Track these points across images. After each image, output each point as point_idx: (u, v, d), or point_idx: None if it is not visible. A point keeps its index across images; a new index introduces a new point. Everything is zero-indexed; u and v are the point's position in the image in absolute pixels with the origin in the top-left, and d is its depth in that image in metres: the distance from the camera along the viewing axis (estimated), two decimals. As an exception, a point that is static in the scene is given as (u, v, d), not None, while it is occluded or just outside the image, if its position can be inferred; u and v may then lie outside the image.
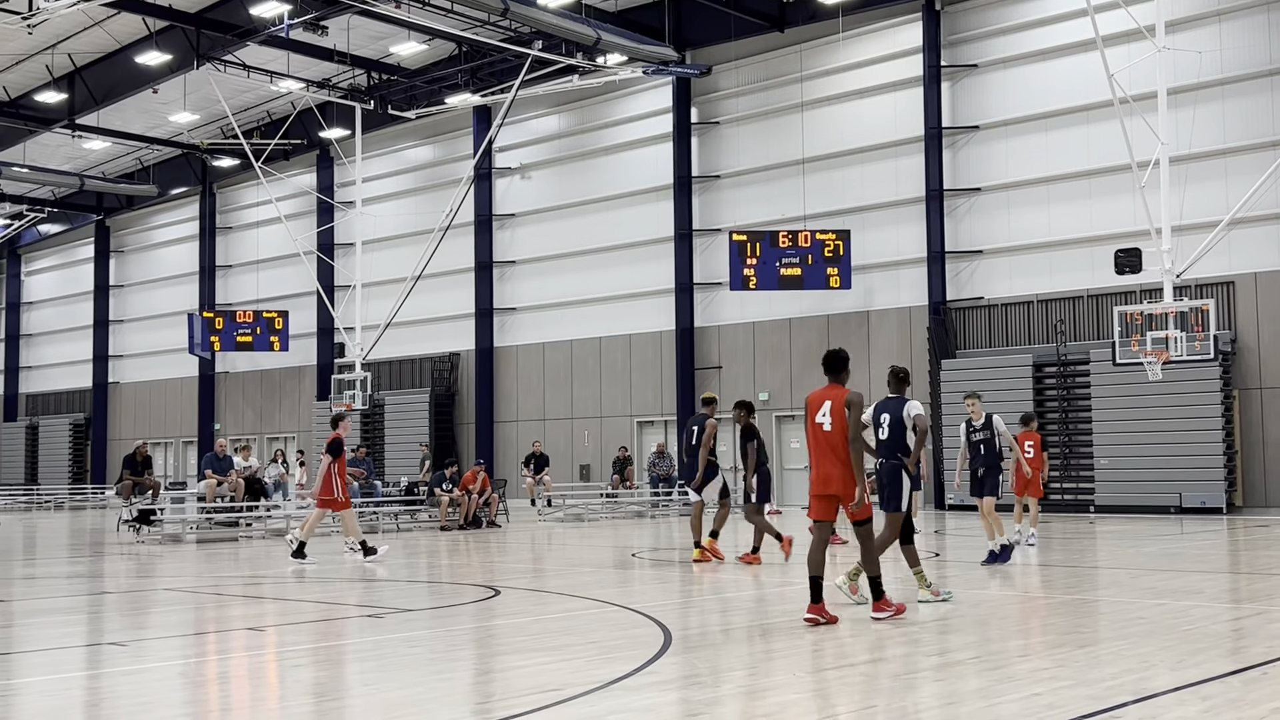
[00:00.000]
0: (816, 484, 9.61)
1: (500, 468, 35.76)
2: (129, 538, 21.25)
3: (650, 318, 34.35)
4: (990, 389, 27.59)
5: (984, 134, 29.08)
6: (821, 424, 9.53)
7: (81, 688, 7.59)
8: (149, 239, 49.93)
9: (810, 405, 9.67)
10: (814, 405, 9.63)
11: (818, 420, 9.55)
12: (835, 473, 9.47)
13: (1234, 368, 25.45)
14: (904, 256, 29.99)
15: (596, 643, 8.77)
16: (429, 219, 37.05)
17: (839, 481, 9.46)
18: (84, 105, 37.30)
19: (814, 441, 9.60)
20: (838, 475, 9.45)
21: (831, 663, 7.70)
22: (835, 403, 9.52)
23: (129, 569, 15.98)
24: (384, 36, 33.36)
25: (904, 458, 10.49)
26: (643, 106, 34.76)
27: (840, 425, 9.43)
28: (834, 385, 9.71)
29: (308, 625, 10.35)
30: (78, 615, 11.35)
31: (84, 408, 51.58)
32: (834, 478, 9.48)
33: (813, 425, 9.59)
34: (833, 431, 9.46)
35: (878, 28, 30.59)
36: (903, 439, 10.54)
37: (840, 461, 9.43)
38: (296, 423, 43.29)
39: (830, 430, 9.47)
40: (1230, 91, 25.72)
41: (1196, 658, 7.70)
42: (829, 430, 9.48)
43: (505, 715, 6.32)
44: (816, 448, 9.59)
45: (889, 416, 10.65)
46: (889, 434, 10.58)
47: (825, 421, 9.51)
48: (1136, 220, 24.78)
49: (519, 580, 13.63)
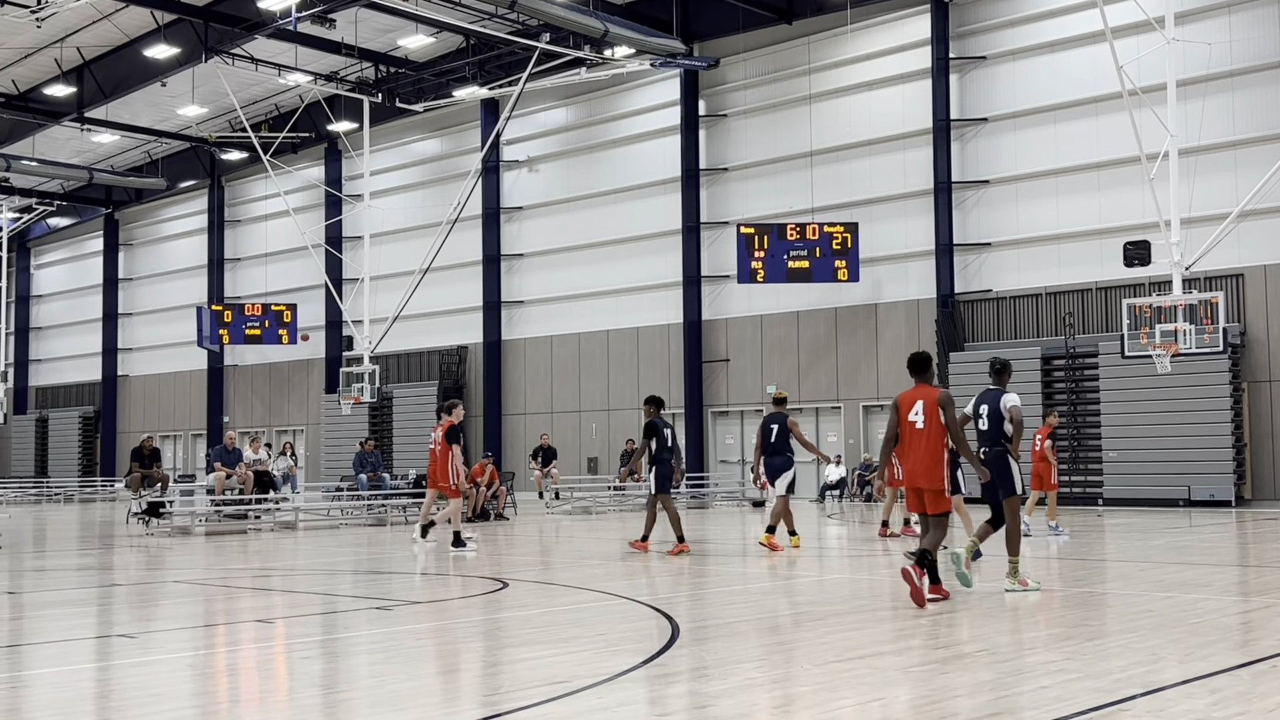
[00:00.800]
0: (906, 478, 10.27)
1: (508, 460, 35.79)
2: (138, 530, 21.31)
3: (658, 311, 34.34)
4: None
5: (992, 126, 29.01)
6: (914, 422, 10.09)
7: (91, 679, 7.62)
8: (158, 232, 50.02)
9: (901, 405, 10.23)
10: (906, 404, 10.20)
11: (910, 419, 10.12)
12: (923, 468, 10.04)
13: (1243, 360, 25.38)
14: (912, 249, 29.94)
15: (604, 635, 8.78)
16: (437, 212, 37.07)
17: (926, 475, 10.04)
18: (93, 99, 37.36)
19: (907, 438, 10.14)
20: (926, 469, 10.03)
21: (839, 655, 7.70)
22: (927, 402, 10.09)
23: (138, 561, 16.03)
24: (392, 29, 33.35)
25: (1008, 445, 10.77)
26: (650, 99, 34.72)
27: (933, 423, 10.01)
28: (922, 385, 10.27)
29: (316, 617, 10.37)
30: (87, 607, 11.38)
31: (93, 401, 51.72)
32: (921, 473, 10.06)
33: (905, 423, 10.14)
34: (927, 427, 10.03)
35: (886, 20, 30.52)
36: (1001, 429, 10.78)
37: (930, 457, 10.01)
38: (305, 415, 43.37)
39: (922, 428, 10.04)
40: (1240, 83, 25.63)
41: (1205, 651, 7.69)
42: (921, 428, 10.05)
43: (513, 707, 6.33)
44: (911, 444, 10.12)
45: (987, 408, 10.91)
46: (988, 425, 10.85)
47: (918, 420, 10.08)
48: (1145, 213, 24.72)
49: (527, 573, 13.64)
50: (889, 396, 30.04)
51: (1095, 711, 5.96)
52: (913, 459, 10.13)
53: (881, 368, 30.47)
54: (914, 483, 10.18)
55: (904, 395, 10.33)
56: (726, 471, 33.10)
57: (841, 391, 31.15)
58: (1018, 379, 27.38)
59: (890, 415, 10.36)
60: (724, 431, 33.70)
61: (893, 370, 30.29)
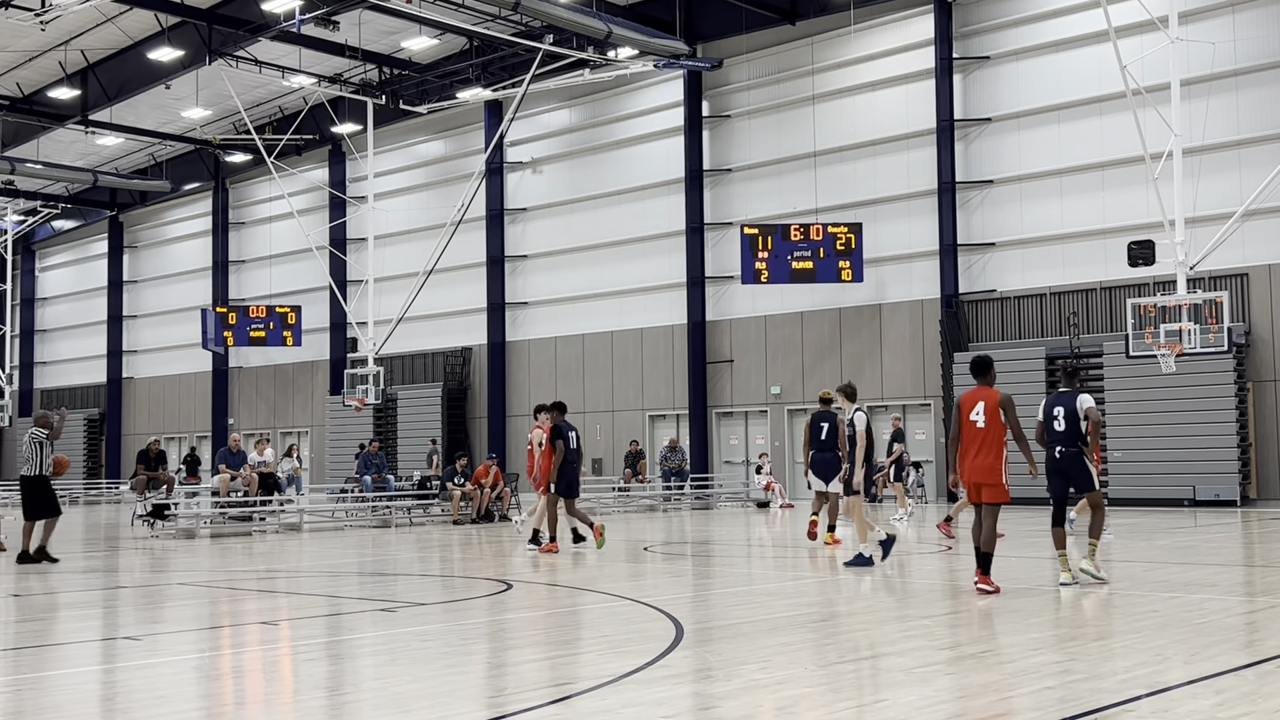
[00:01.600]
0: (967, 473, 10.86)
1: (512, 462, 35.80)
2: (143, 532, 21.34)
3: (662, 312, 34.35)
4: (1003, 382, 27.50)
5: (996, 126, 28.99)
6: (975, 421, 10.79)
7: (96, 682, 7.63)
8: (162, 234, 50.09)
9: (963, 405, 10.93)
10: (968, 405, 10.89)
11: (971, 418, 10.82)
12: (985, 463, 10.73)
13: (1248, 360, 25.35)
14: (916, 249, 29.93)
15: (608, 637, 8.78)
16: (441, 214, 37.10)
17: (987, 471, 10.72)
18: (97, 101, 37.42)
19: (968, 436, 10.83)
20: (986, 466, 10.72)
21: (843, 656, 7.70)
22: (988, 403, 10.78)
23: (143, 563, 16.05)
24: (395, 31, 33.39)
25: (1084, 446, 11.33)
26: (654, 100, 34.73)
27: (994, 422, 10.72)
28: (983, 387, 10.99)
29: (321, 619, 10.38)
30: (93, 609, 11.40)
31: (98, 403, 51.79)
32: (983, 468, 10.74)
33: (966, 422, 10.84)
34: (986, 428, 10.73)
35: (889, 20, 30.51)
36: (1078, 429, 11.30)
37: (991, 453, 10.71)
38: (310, 417, 43.41)
39: (983, 427, 10.74)
40: (1244, 83, 25.60)
41: (1210, 651, 7.68)
42: (982, 427, 10.75)
43: (517, 709, 6.34)
44: (971, 442, 10.81)
45: (1063, 410, 11.39)
46: (1065, 426, 11.33)
47: (979, 419, 10.78)
48: (1150, 212, 24.69)
49: (531, 574, 13.65)
50: (894, 397, 30.07)
51: (1100, 712, 5.96)
52: (973, 456, 10.77)
53: (886, 368, 30.45)
54: (975, 478, 10.78)
55: (966, 396, 10.99)
56: (731, 472, 33.09)
57: (846, 392, 31.08)
58: (1023, 379, 27.46)
59: (954, 415, 11.02)
60: (728, 432, 33.69)
61: (897, 370, 30.29)
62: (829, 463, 15.52)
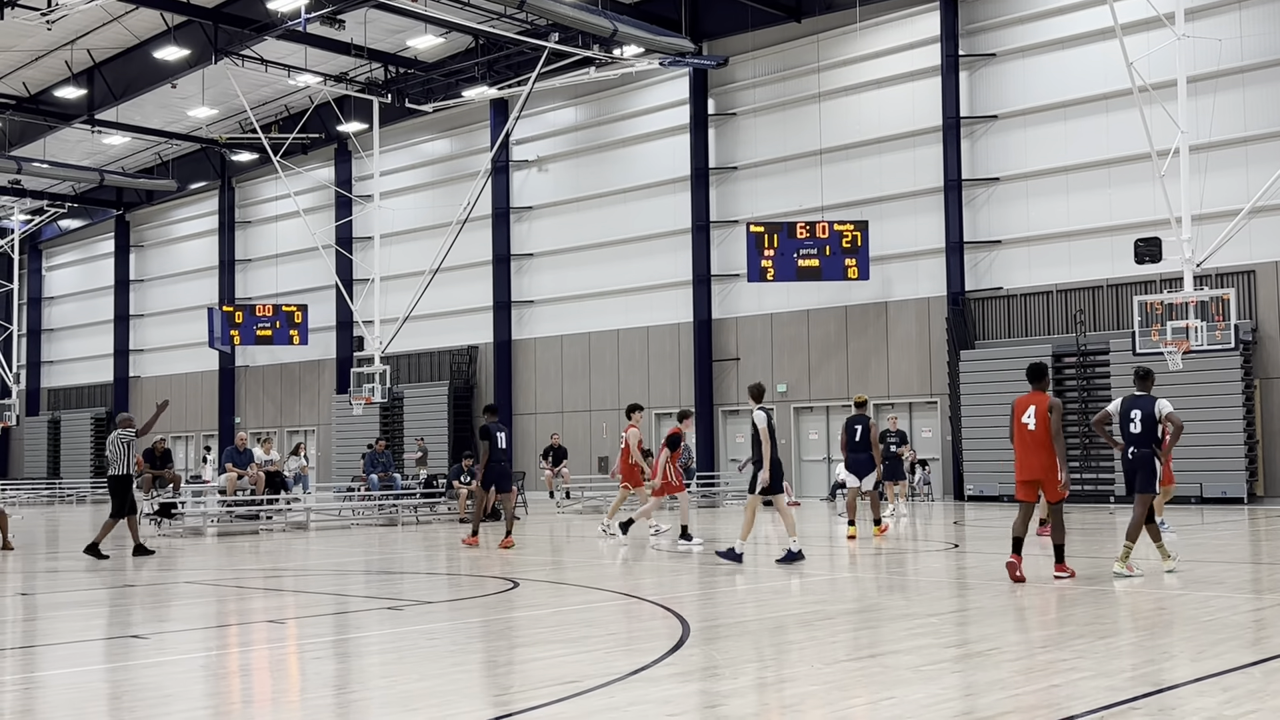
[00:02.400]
0: (1021, 471, 11.55)
1: (519, 460, 35.80)
2: (150, 531, 21.37)
3: (668, 310, 34.35)
4: (1009, 379, 27.51)
5: (1002, 123, 28.96)
6: (1027, 424, 11.46)
7: (103, 680, 7.65)
8: (168, 234, 50.17)
9: (1017, 408, 11.65)
10: (1020, 408, 11.60)
11: (1023, 420, 11.50)
12: (1038, 463, 11.40)
13: (1255, 357, 25.30)
14: (922, 247, 29.90)
15: (615, 634, 8.79)
16: (446, 212, 37.12)
17: (1040, 469, 11.40)
18: (103, 101, 37.48)
19: (1019, 438, 11.53)
20: (1040, 465, 11.39)
21: (850, 654, 7.70)
22: (1039, 407, 11.44)
23: (150, 562, 16.08)
24: (401, 30, 33.40)
25: (1156, 448, 11.82)
26: (660, 98, 34.73)
27: (1044, 424, 11.35)
28: (1036, 392, 11.64)
29: (328, 618, 10.39)
30: (100, 608, 11.42)
31: (105, 402, 51.88)
32: (1036, 467, 11.42)
33: (1019, 425, 11.53)
34: (1037, 430, 11.38)
35: (895, 17, 30.48)
36: (1154, 432, 11.79)
37: (1043, 453, 11.36)
38: (316, 416, 43.45)
39: (1035, 429, 11.39)
40: (1250, 79, 25.54)
41: (1217, 648, 7.67)
42: (1034, 429, 11.40)
43: (524, 707, 6.34)
44: (1022, 443, 11.51)
45: (1140, 413, 11.89)
46: (1142, 428, 11.84)
47: (1030, 422, 11.45)
48: (1156, 209, 24.66)
49: (537, 572, 13.66)
50: (900, 395, 30.06)
51: (1107, 710, 5.95)
52: (1028, 456, 11.46)
53: (892, 366, 30.43)
54: (1030, 475, 11.47)
55: (1020, 400, 11.69)
56: (736, 470, 33.06)
57: (852, 390, 31.07)
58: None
59: (1010, 418, 11.74)
60: (734, 430, 33.68)
61: (903, 368, 30.26)
62: (863, 462, 17.29)
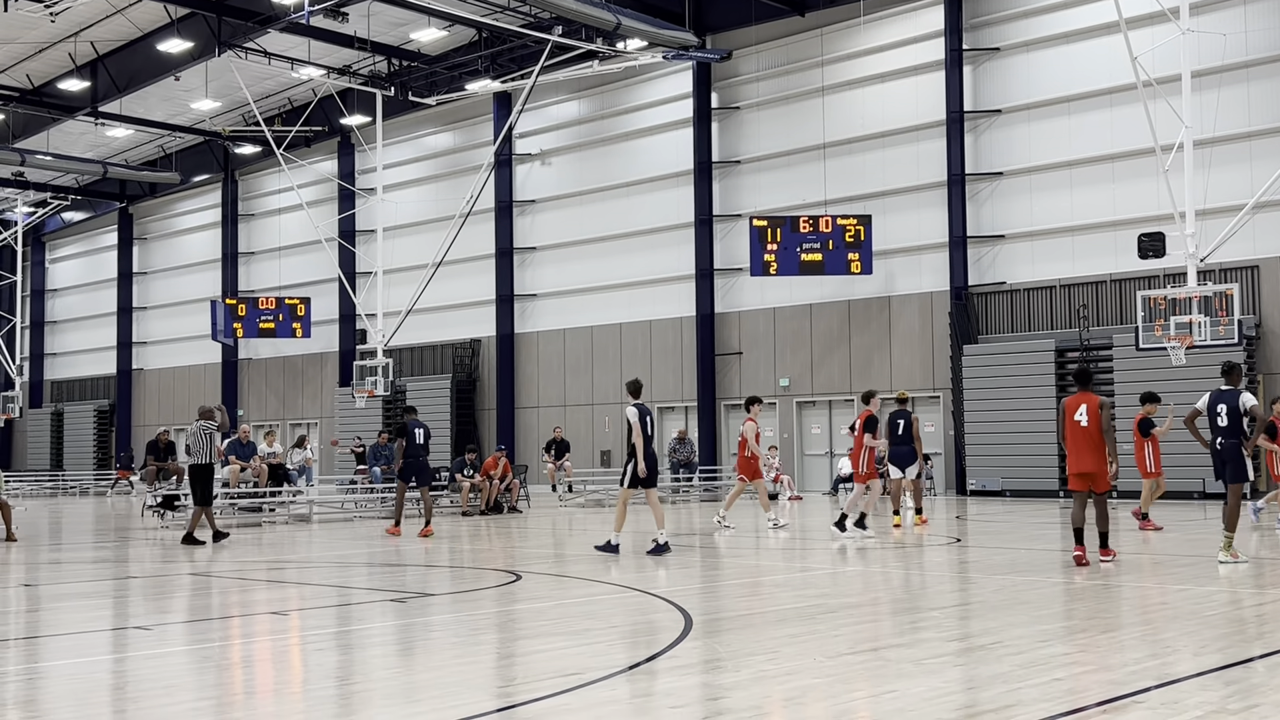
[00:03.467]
0: (1074, 465, 12.60)
1: (521, 453, 35.83)
2: (154, 523, 21.41)
3: (671, 303, 34.33)
4: (1012, 374, 27.53)
5: (1006, 118, 28.91)
6: (1079, 421, 12.54)
7: (107, 671, 7.66)
8: (172, 226, 50.17)
9: (1069, 407, 12.69)
10: (1072, 407, 12.66)
11: (1076, 418, 12.57)
12: (1090, 457, 12.49)
13: (1258, 352, 25.27)
14: (925, 241, 29.87)
15: (617, 627, 8.80)
16: (449, 205, 37.10)
17: (1093, 463, 12.50)
18: (106, 93, 37.47)
19: (1072, 434, 12.59)
20: (1092, 459, 12.49)
21: (852, 647, 7.70)
22: (1090, 405, 12.53)
23: (153, 554, 16.10)
24: (404, 23, 33.37)
25: (1243, 439, 12.48)
26: (663, 92, 34.69)
27: (1095, 421, 12.48)
28: (1085, 392, 12.75)
29: (330, 610, 10.41)
30: (103, 600, 11.45)
31: (108, 394, 51.94)
32: (1090, 461, 12.51)
33: (1071, 422, 12.59)
34: (1089, 426, 12.49)
35: (899, 11, 30.43)
36: (1239, 424, 12.47)
37: (1095, 449, 12.48)
38: (319, 408, 43.48)
39: (1087, 426, 12.50)
40: (1255, 74, 25.49)
41: (1220, 643, 7.67)
42: (1086, 426, 12.50)
43: (527, 699, 6.35)
44: (1074, 439, 12.57)
45: (1225, 406, 12.58)
46: (1228, 421, 12.52)
47: (1083, 419, 12.53)
48: (1160, 204, 24.62)
49: (540, 565, 13.67)
50: (902, 389, 30.04)
51: (1109, 704, 5.96)
52: (1081, 451, 12.53)
53: (895, 360, 30.42)
54: (1084, 468, 12.54)
55: (1070, 400, 12.78)
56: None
57: (855, 384, 31.06)
58: (1033, 371, 27.43)
59: (1059, 417, 12.86)
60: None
61: (905, 363, 30.24)
62: (905, 454, 18.50)
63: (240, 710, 6.33)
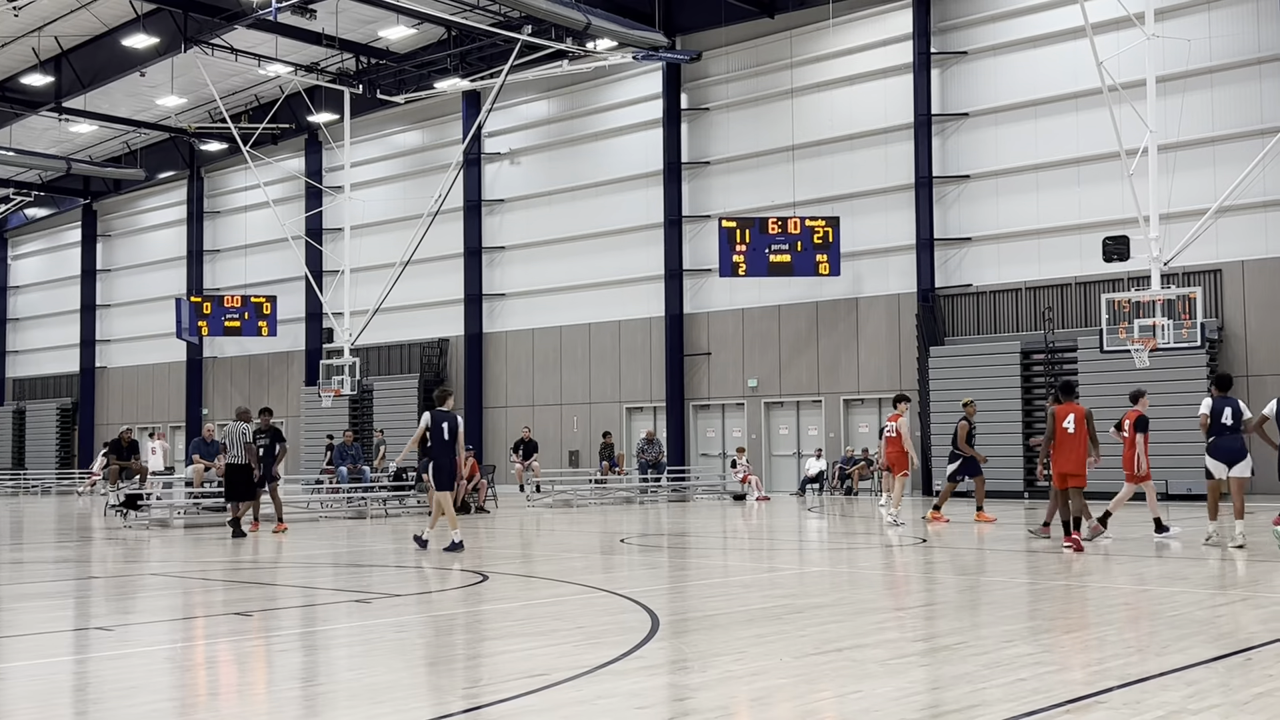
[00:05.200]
0: (1060, 465, 14.46)
1: (489, 453, 35.74)
2: (116, 522, 21.21)
3: (640, 304, 34.34)
4: (978, 376, 27.69)
5: (973, 121, 29.09)
6: (1068, 428, 14.46)
7: (68, 672, 7.58)
8: (136, 223, 49.75)
9: (1058, 415, 14.57)
10: (1061, 415, 14.56)
11: (1064, 425, 14.47)
12: (1076, 458, 14.44)
13: (1220, 355, 25.52)
14: (893, 243, 30.01)
15: (584, 628, 8.78)
16: (418, 204, 36.97)
17: (1078, 464, 14.43)
18: (71, 88, 37.11)
19: (1061, 439, 14.47)
20: (1078, 459, 14.44)
21: (818, 648, 7.72)
22: (1077, 415, 14.51)
23: (116, 554, 15.95)
24: (372, 20, 33.23)
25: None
26: (633, 92, 34.69)
27: (1082, 428, 14.46)
28: (1072, 403, 14.68)
29: (295, 610, 10.34)
30: (64, 600, 11.33)
31: (71, 392, 51.43)
32: (1076, 461, 14.43)
33: (1060, 429, 14.48)
34: (1076, 432, 14.44)
35: (868, 14, 30.56)
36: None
37: (1079, 451, 14.46)
38: (285, 408, 43.17)
39: (1074, 432, 14.44)
40: (1219, 79, 25.75)
41: (1182, 643, 7.74)
42: (1073, 432, 14.45)
43: (492, 700, 6.33)
44: (1063, 443, 14.45)
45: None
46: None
47: (1070, 426, 14.45)
48: (1125, 208, 24.83)
49: (507, 566, 13.64)
50: (870, 391, 30.21)
51: (1072, 704, 5.99)
52: (1067, 454, 14.45)
53: (862, 362, 30.54)
54: (1070, 469, 14.39)
55: (1059, 409, 14.61)
56: (707, 465, 33.13)
57: (822, 385, 31.21)
58: (998, 373, 27.58)
59: (1049, 423, 14.69)
60: (705, 425, 33.73)
61: (873, 365, 30.37)
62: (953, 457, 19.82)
63: (203, 711, 6.27)
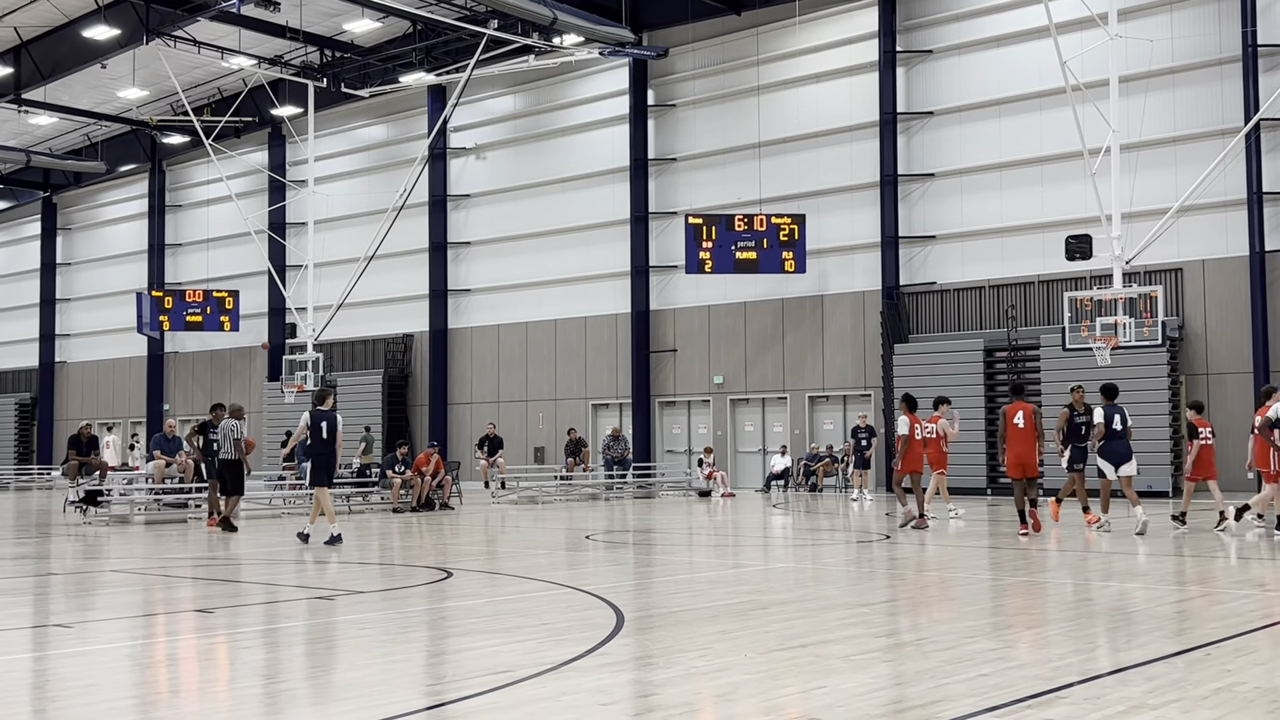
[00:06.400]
0: (1013, 457, 16.05)
1: (454, 450, 35.64)
2: (76, 519, 21.00)
3: (606, 300, 34.31)
4: (942, 373, 27.84)
5: (938, 120, 29.24)
6: (1018, 424, 16.04)
7: (26, 670, 7.49)
8: (97, 216, 49.24)
9: (1009, 413, 16.26)
10: (1011, 413, 16.19)
11: (1015, 422, 16.06)
12: (1028, 449, 16.04)
13: (1181, 353, 25.79)
14: (858, 241, 30.13)
15: (549, 624, 8.77)
16: (382, 199, 36.78)
17: (1030, 455, 16.06)
18: (30, 80, 36.66)
19: (1012, 434, 16.07)
20: (1029, 451, 16.05)
21: (782, 643, 7.74)
22: (1026, 412, 16.12)
23: (76, 550, 15.79)
24: (337, 13, 33.01)
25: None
26: (599, 88, 34.65)
27: (1030, 424, 16.02)
28: (1020, 402, 16.37)
29: (257, 607, 10.27)
30: (23, 597, 11.20)
31: (30, 387, 50.86)
32: (1027, 453, 16.05)
33: (1011, 425, 16.09)
34: (1025, 428, 16.01)
35: (834, 12, 30.65)
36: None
37: (1031, 443, 16.04)
38: (248, 403, 42.81)
39: (1023, 428, 16.02)
40: (1181, 80, 26.01)
41: (1141, 639, 7.81)
42: (1023, 428, 16.02)
43: (456, 697, 6.31)
44: (1015, 438, 16.04)
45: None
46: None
47: (1020, 422, 16.05)
48: (1087, 207, 25.04)
49: (472, 562, 13.60)
50: (835, 388, 30.34)
51: (1033, 699, 6.04)
52: (1020, 448, 16.00)
53: (827, 359, 30.65)
54: (1021, 461, 16.01)
55: (1009, 407, 16.29)
56: (673, 461, 33.15)
57: (788, 382, 31.30)
58: (962, 370, 27.74)
59: (1000, 421, 16.63)
60: (671, 422, 33.75)
61: (838, 361, 30.48)
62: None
63: (163, 709, 6.21)
